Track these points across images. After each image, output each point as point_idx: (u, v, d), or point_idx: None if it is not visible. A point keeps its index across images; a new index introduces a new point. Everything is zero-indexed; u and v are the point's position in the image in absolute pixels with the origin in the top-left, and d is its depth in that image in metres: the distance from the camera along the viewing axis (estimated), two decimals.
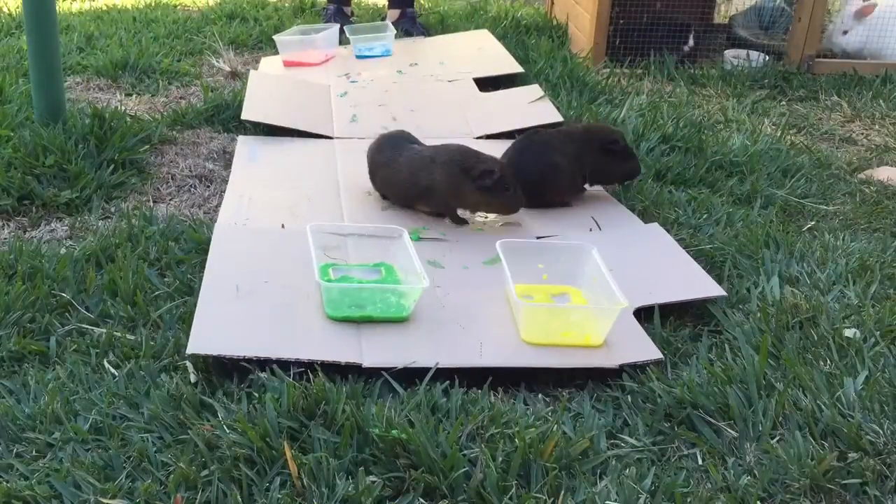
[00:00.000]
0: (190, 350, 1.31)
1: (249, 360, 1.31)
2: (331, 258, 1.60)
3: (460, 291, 1.56)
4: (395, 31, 3.08)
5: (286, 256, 1.62)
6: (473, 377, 1.35)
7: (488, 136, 2.32)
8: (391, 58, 2.98)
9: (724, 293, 1.56)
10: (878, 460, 1.16)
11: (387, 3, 3.44)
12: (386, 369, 1.32)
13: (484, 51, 3.03)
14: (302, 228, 1.61)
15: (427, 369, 1.32)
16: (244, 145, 2.21)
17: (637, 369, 1.36)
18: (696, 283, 1.59)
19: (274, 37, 3.02)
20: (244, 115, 2.32)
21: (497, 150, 2.22)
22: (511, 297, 1.45)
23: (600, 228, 1.83)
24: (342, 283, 1.52)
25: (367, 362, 1.33)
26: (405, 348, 1.37)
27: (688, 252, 1.71)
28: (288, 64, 2.92)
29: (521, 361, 1.37)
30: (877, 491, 1.12)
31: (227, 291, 1.48)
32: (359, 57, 2.99)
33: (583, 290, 1.54)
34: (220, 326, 1.38)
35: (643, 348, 1.40)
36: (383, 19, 3.39)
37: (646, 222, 1.85)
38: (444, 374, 1.35)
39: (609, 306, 1.39)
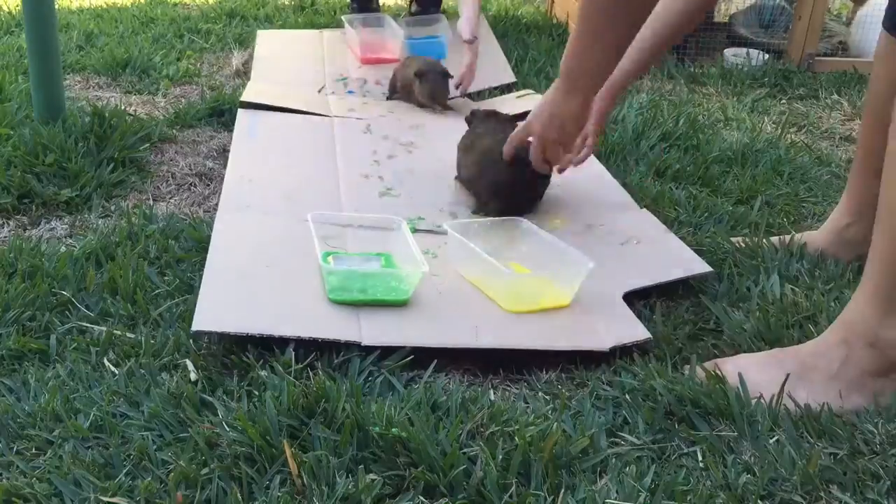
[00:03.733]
0: (194, 327, 1.33)
1: (249, 357, 1.31)
2: (331, 247, 1.63)
3: (456, 280, 1.60)
4: (450, 32, 3.05)
5: (287, 242, 1.65)
6: (472, 361, 1.37)
7: None
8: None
9: (710, 269, 1.61)
10: (876, 460, 1.16)
11: None
12: (385, 347, 1.35)
13: (481, 54, 3.02)
14: (301, 213, 1.64)
15: (424, 350, 1.36)
16: (244, 118, 2.24)
17: (635, 364, 1.37)
18: (684, 263, 1.64)
19: (343, 17, 3.02)
20: (244, 97, 2.35)
21: None
22: (495, 268, 1.52)
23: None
24: (344, 268, 1.55)
25: (367, 341, 1.36)
26: (404, 329, 1.41)
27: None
28: (367, 61, 2.88)
29: (514, 343, 1.41)
30: (873, 492, 1.12)
31: (229, 274, 1.52)
32: (409, 40, 2.95)
33: (522, 263, 1.64)
34: (223, 306, 1.42)
35: (631, 330, 1.45)
36: None
37: None
38: (443, 362, 1.36)
39: (580, 268, 1.50)
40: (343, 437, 1.15)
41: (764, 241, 1.76)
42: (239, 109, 2.29)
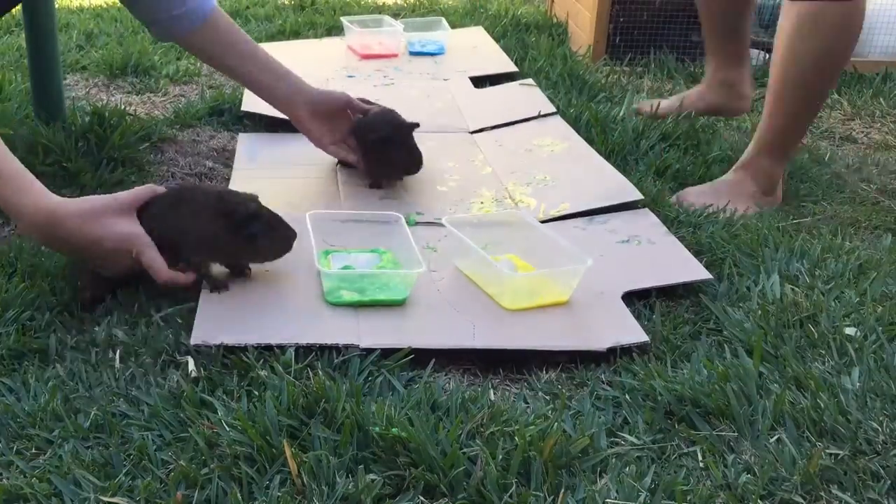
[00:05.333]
0: (194, 340, 1.34)
1: (249, 357, 1.31)
2: (329, 244, 1.63)
3: (454, 278, 1.60)
4: (448, 28, 3.08)
5: None
6: (472, 361, 1.38)
7: (483, 129, 2.36)
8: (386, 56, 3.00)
9: (710, 276, 1.60)
10: (877, 460, 1.16)
11: None
12: (383, 349, 1.35)
13: (478, 49, 3.04)
14: (301, 216, 1.64)
15: (422, 351, 1.36)
16: (243, 144, 2.23)
17: (635, 364, 1.36)
18: (684, 268, 1.64)
19: (343, 19, 3.06)
20: (244, 108, 2.34)
21: (491, 140, 2.23)
22: (493, 267, 1.53)
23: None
24: (342, 271, 1.55)
25: (365, 343, 1.36)
26: (402, 330, 1.42)
27: (688, 250, 1.72)
28: (366, 58, 2.92)
29: (511, 344, 1.41)
30: (874, 492, 1.12)
31: (229, 280, 1.51)
32: (412, 54, 2.99)
33: (521, 256, 1.65)
34: (222, 315, 1.42)
35: (629, 331, 1.45)
36: None
37: None
38: (443, 362, 1.36)
39: (578, 266, 1.51)
40: (343, 437, 1.15)
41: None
42: (240, 135, 2.27)
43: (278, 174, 2.05)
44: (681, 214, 1.90)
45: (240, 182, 1.98)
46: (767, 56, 3.06)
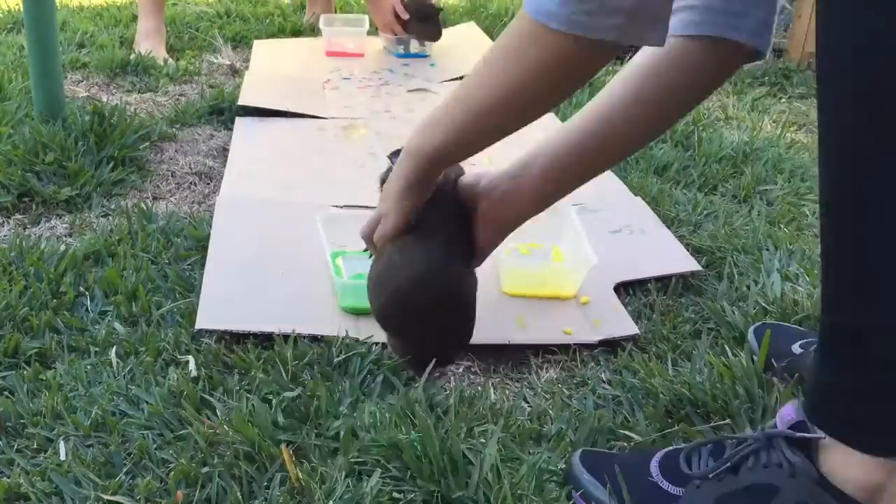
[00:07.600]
0: (198, 325, 1.36)
1: (249, 357, 1.31)
2: (339, 246, 1.64)
3: None
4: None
5: (287, 232, 1.69)
6: (471, 358, 1.38)
7: None
8: (383, 58, 2.99)
9: (699, 268, 1.63)
10: None
11: None
12: (384, 343, 1.36)
13: (473, 48, 3.04)
14: (300, 202, 1.65)
15: None
16: (241, 126, 2.27)
17: (635, 363, 1.37)
18: (675, 259, 1.66)
19: (322, 17, 3.10)
20: (241, 101, 2.38)
21: None
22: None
23: None
24: (356, 281, 1.55)
25: (365, 336, 1.38)
26: None
27: (687, 249, 1.72)
28: (331, 54, 2.98)
29: (506, 339, 1.43)
30: None
31: (231, 268, 1.55)
32: (397, 55, 2.99)
33: (562, 247, 1.66)
34: (225, 303, 1.44)
35: (620, 323, 1.47)
36: None
37: None
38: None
39: (579, 264, 1.53)
40: (344, 436, 1.15)
41: None
42: (237, 118, 2.31)
43: (275, 156, 2.09)
44: (680, 213, 1.90)
45: (237, 164, 2.02)
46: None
